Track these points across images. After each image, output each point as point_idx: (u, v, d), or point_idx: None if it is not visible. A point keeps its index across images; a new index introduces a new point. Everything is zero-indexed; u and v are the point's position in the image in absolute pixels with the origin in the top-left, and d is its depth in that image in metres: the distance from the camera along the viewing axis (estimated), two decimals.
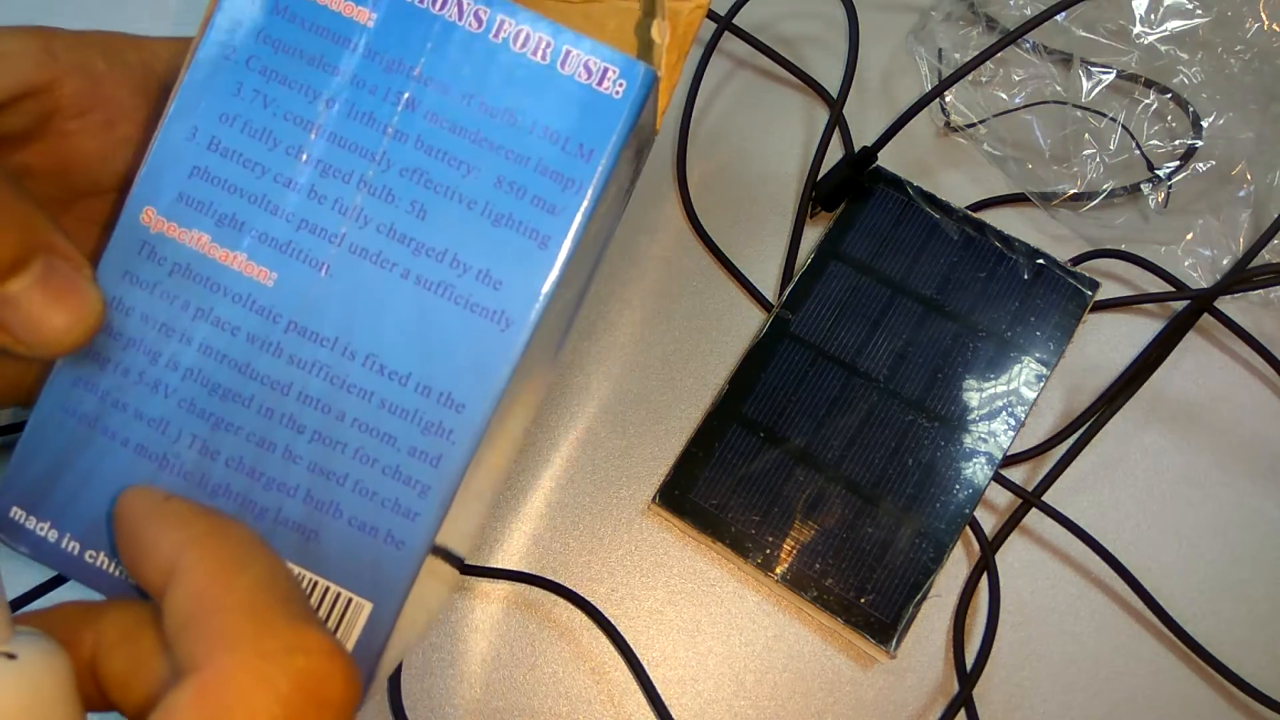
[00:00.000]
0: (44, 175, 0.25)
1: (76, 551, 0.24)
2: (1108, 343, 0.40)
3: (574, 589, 0.36)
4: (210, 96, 0.23)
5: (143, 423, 0.23)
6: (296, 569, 0.23)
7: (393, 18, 0.23)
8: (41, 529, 0.24)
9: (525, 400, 0.28)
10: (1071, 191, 0.40)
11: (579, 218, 0.23)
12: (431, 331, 0.23)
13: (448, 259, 0.23)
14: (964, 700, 0.34)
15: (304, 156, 0.23)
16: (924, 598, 0.34)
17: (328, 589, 0.23)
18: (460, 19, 0.23)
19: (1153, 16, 0.41)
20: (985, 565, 0.36)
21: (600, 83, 0.23)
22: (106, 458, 0.23)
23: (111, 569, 0.24)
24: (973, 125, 0.42)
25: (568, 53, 0.23)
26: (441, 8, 0.23)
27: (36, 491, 0.24)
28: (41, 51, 0.23)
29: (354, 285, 0.23)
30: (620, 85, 0.23)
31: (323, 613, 0.23)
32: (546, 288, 0.23)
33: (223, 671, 0.17)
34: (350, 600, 0.23)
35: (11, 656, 0.19)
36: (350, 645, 0.23)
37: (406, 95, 0.23)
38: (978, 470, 0.36)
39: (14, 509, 0.24)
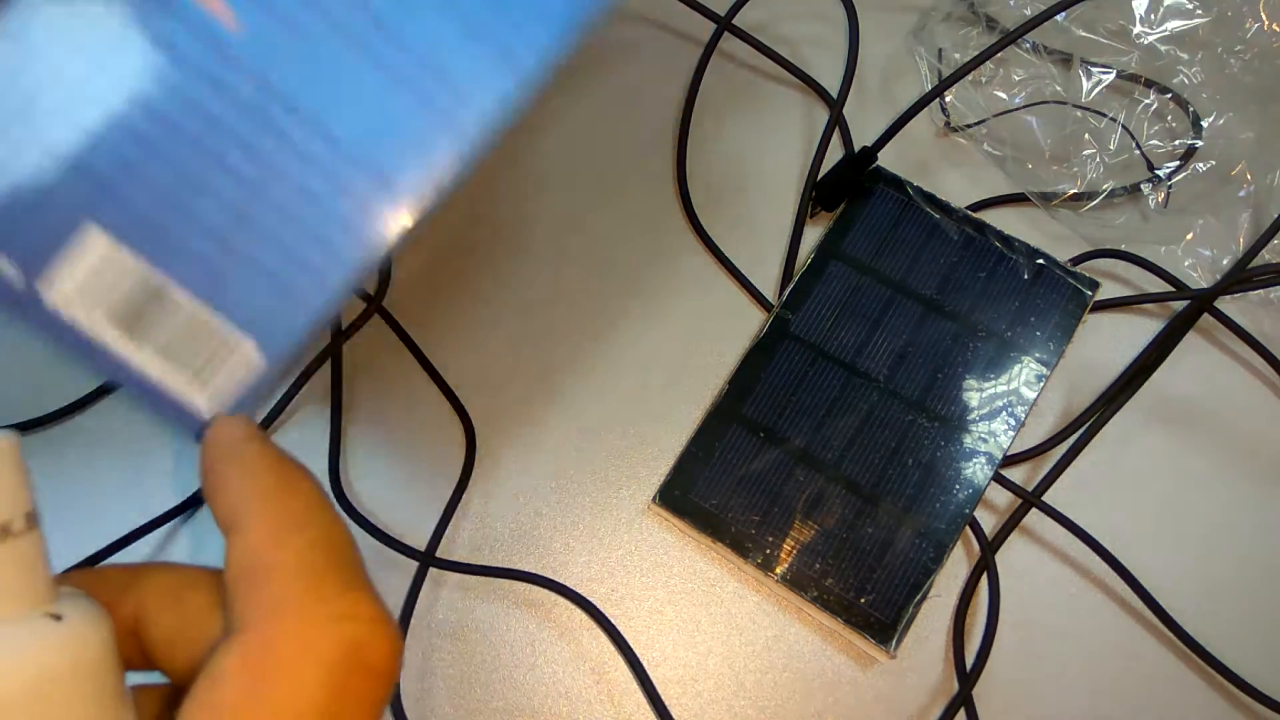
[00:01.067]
0: None
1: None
2: (1108, 343, 0.40)
3: (574, 589, 0.36)
4: None
5: (78, 133, 0.23)
6: (194, 301, 0.23)
7: None
8: None
9: None
10: (1071, 191, 0.40)
11: (550, 53, 0.24)
12: (385, 115, 0.24)
13: (419, 57, 0.24)
14: (964, 700, 0.34)
15: None
16: (924, 598, 0.34)
17: (220, 325, 0.24)
18: None
19: (1153, 16, 0.41)
20: (985, 565, 0.36)
21: None
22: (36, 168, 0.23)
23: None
24: (973, 125, 0.42)
25: None
26: None
27: None
28: None
29: (324, 56, 0.24)
30: None
31: (205, 348, 0.23)
32: (504, 106, 0.24)
33: (269, 636, 0.17)
34: (238, 340, 0.24)
35: (57, 618, 0.18)
36: (232, 383, 0.24)
37: None
38: (978, 470, 0.36)
39: None
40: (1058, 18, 0.37)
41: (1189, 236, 0.41)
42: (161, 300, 0.24)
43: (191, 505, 0.36)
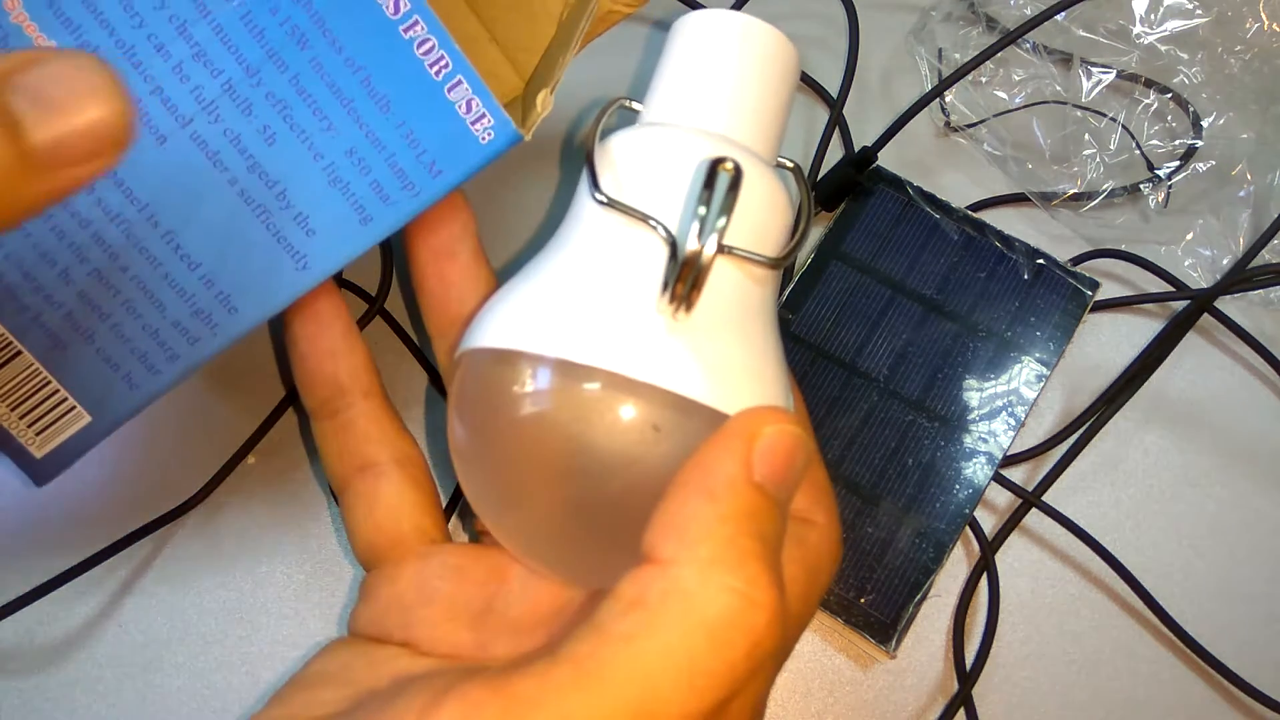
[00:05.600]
0: None
1: None
2: (1108, 343, 0.40)
3: None
4: None
5: None
6: (34, 365, 0.25)
7: None
8: None
9: None
10: (1071, 191, 0.40)
11: (406, 217, 0.25)
12: (235, 240, 0.25)
13: (276, 189, 0.25)
14: (963, 699, 0.34)
15: (186, 31, 0.24)
16: (924, 598, 0.34)
17: (57, 390, 0.26)
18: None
19: (1153, 16, 0.41)
20: (985, 565, 0.36)
21: (475, 122, 0.25)
22: None
23: None
24: (973, 125, 0.42)
25: (459, 82, 0.24)
26: None
27: None
28: None
29: (183, 168, 0.24)
30: (489, 134, 0.25)
31: (39, 408, 0.26)
32: (351, 258, 0.25)
33: (671, 576, 0.18)
34: (74, 407, 0.26)
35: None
36: (59, 442, 0.26)
37: (302, 33, 0.24)
38: (978, 470, 0.36)
39: None
40: (1058, 18, 0.37)
41: (1189, 236, 0.41)
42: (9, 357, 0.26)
43: (191, 506, 0.36)
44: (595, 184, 0.23)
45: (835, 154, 0.41)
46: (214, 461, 0.37)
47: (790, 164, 0.27)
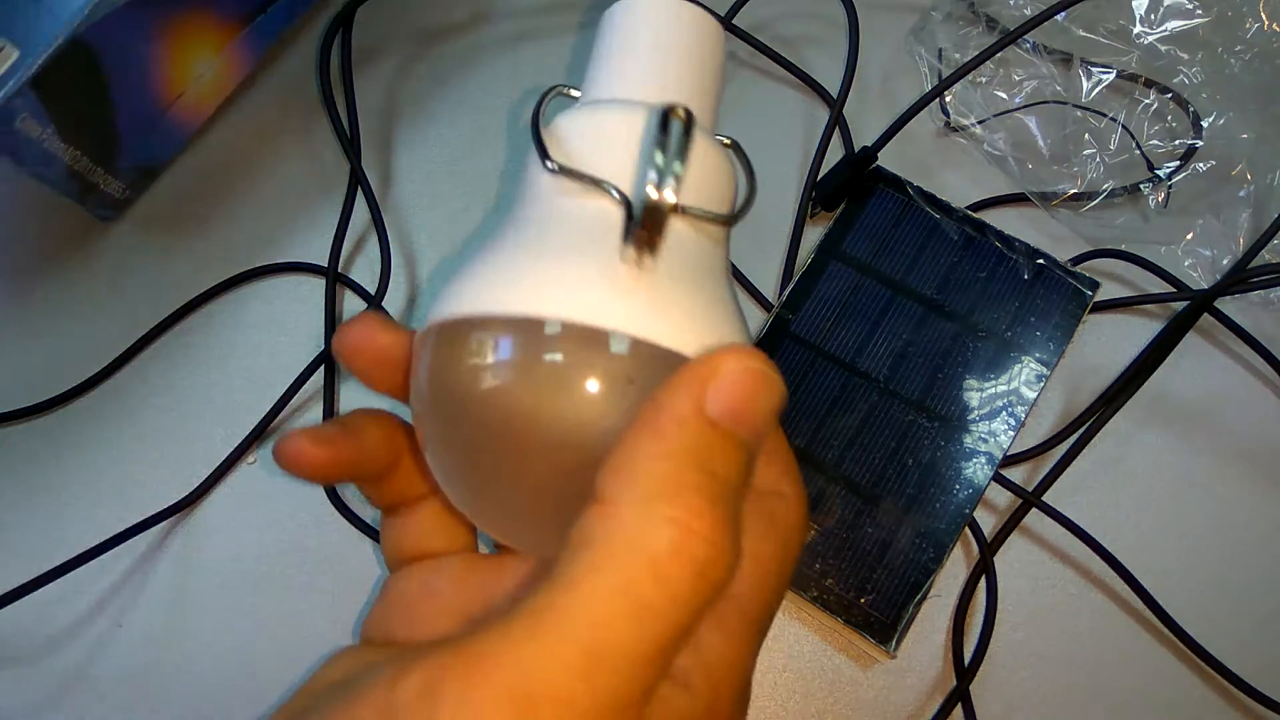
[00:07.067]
0: None
1: None
2: (1108, 343, 0.40)
3: None
4: None
5: None
6: None
7: None
8: None
9: None
10: (1071, 191, 0.40)
11: None
12: None
13: None
14: (960, 695, 0.34)
15: None
16: (924, 598, 0.34)
17: None
18: None
19: (1153, 16, 0.41)
20: (985, 565, 0.36)
21: None
22: None
23: None
24: (973, 125, 0.42)
25: None
26: None
27: None
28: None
29: None
30: None
31: None
32: None
33: (611, 513, 0.18)
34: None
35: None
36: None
37: None
38: (978, 470, 0.36)
39: None
40: (1058, 18, 0.37)
41: (1189, 236, 0.41)
42: None
43: (187, 505, 0.36)
44: (545, 155, 0.23)
45: (835, 154, 0.41)
46: (213, 460, 0.37)
47: (727, 140, 0.27)
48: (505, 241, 0.23)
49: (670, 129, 0.21)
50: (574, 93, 0.27)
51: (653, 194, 0.20)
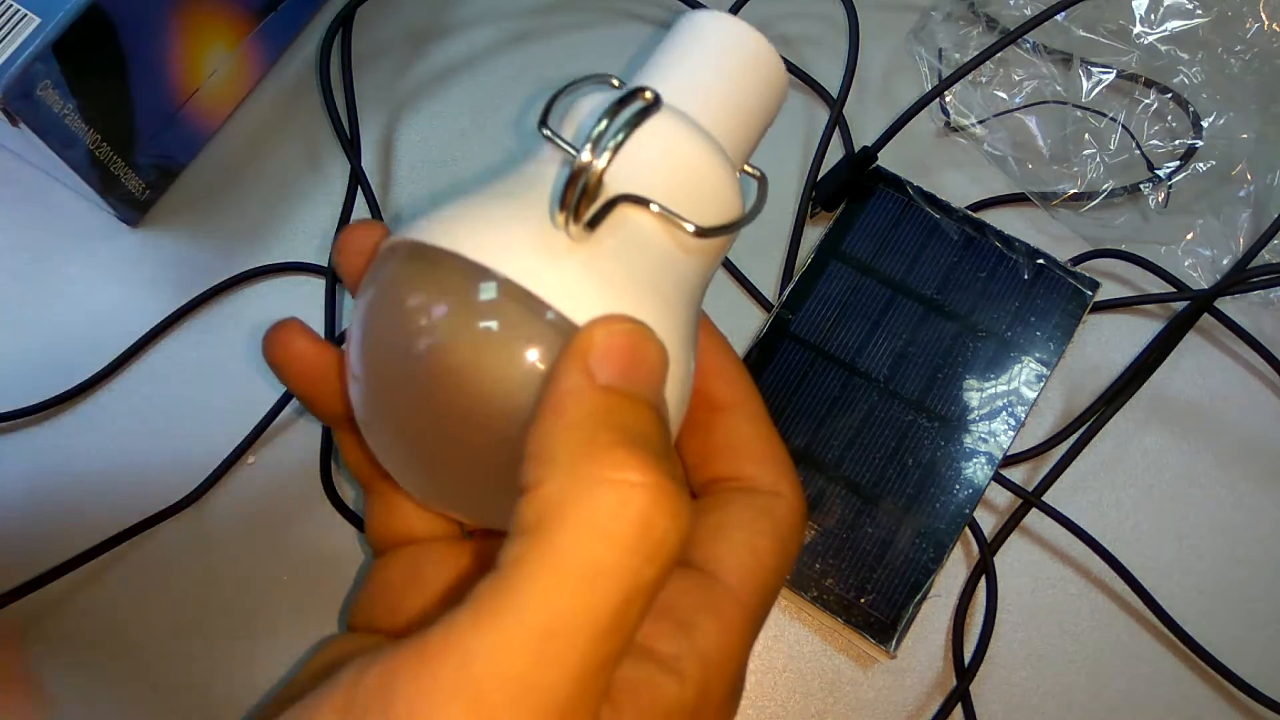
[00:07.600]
0: None
1: None
2: (1108, 343, 0.40)
3: None
4: None
5: None
6: None
7: None
8: None
9: None
10: (1071, 191, 0.40)
11: None
12: None
13: None
14: (960, 695, 0.34)
15: None
16: (924, 598, 0.34)
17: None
18: None
19: (1153, 16, 0.41)
20: (984, 565, 0.36)
21: None
22: None
23: None
24: (973, 125, 0.42)
25: None
26: None
27: None
28: None
29: None
30: None
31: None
32: None
33: (545, 493, 0.18)
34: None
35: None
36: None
37: None
38: (978, 470, 0.36)
39: None
40: (1058, 18, 0.37)
41: (1189, 236, 0.41)
42: None
43: (187, 504, 0.36)
44: (543, 119, 0.23)
45: (835, 154, 0.41)
46: (212, 460, 0.37)
47: (756, 173, 0.27)
48: (476, 191, 0.23)
49: (627, 104, 0.21)
50: (616, 82, 0.27)
51: (585, 157, 0.20)
